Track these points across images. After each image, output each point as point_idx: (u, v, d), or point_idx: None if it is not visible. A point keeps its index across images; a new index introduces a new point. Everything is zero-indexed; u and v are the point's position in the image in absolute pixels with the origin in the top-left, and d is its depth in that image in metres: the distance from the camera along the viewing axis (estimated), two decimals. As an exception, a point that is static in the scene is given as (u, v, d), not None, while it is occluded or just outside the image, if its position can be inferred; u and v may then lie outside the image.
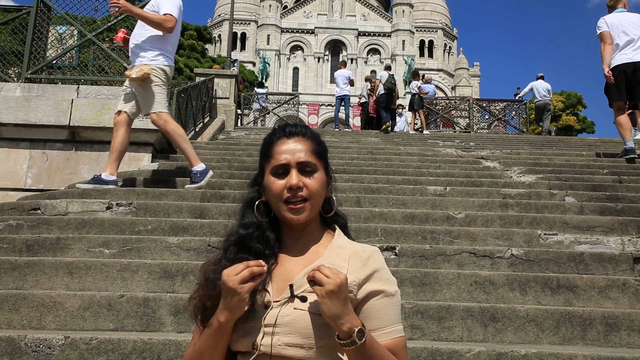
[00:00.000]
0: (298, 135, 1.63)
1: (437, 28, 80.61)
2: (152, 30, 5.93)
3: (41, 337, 2.93)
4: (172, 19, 5.87)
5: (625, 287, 3.87)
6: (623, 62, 7.35)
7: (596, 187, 6.73)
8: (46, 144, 7.32)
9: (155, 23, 5.85)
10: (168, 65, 6.04)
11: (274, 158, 1.60)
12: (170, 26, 5.88)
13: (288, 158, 1.58)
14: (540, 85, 18.90)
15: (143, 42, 5.99)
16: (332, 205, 1.67)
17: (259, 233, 1.62)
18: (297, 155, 1.58)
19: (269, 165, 1.61)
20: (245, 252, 1.59)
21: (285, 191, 1.56)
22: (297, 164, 1.58)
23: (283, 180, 1.57)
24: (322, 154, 1.64)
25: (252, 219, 1.64)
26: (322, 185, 1.61)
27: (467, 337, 3.40)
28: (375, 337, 1.51)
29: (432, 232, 4.90)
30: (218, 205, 5.53)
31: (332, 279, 1.39)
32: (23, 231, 4.82)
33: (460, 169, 8.15)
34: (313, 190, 1.58)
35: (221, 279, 1.45)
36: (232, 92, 15.97)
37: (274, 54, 74.75)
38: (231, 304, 1.44)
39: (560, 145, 12.49)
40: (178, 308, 3.43)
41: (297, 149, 1.60)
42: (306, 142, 1.62)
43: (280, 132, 1.65)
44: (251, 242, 1.60)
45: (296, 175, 1.57)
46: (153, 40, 5.98)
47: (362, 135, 13.87)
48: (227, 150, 9.56)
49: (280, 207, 1.58)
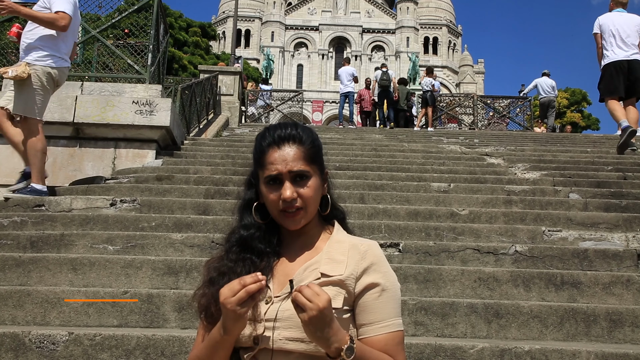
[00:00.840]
0: (289, 141, 1.58)
1: (441, 25, 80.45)
2: (44, 29, 5.47)
3: (45, 333, 2.94)
4: (65, 16, 5.39)
5: (629, 283, 3.86)
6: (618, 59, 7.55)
7: (600, 183, 6.71)
8: (50, 140, 7.30)
9: (47, 22, 5.39)
10: (57, 67, 5.53)
11: (266, 168, 1.57)
12: (64, 24, 5.40)
13: (280, 168, 1.55)
14: (545, 82, 18.84)
15: (34, 41, 5.49)
16: (328, 205, 1.67)
17: (260, 234, 1.62)
18: (289, 165, 1.55)
19: (262, 173, 1.60)
20: (247, 252, 1.60)
21: (280, 202, 1.56)
22: (290, 173, 1.56)
23: (277, 192, 1.56)
24: (315, 156, 1.61)
25: (252, 220, 1.64)
26: (317, 190, 1.60)
27: (471, 334, 3.40)
28: (371, 331, 1.51)
29: (436, 229, 4.90)
30: (222, 202, 5.53)
31: (314, 303, 1.35)
32: (27, 227, 4.84)
33: (465, 165, 8.14)
34: (307, 199, 1.57)
35: (219, 300, 1.44)
36: (236, 89, 15.99)
37: (278, 51, 74.72)
38: (231, 324, 1.44)
39: (564, 142, 12.45)
40: (182, 304, 3.43)
41: (289, 157, 1.56)
42: (298, 148, 1.58)
43: (269, 138, 1.60)
44: (253, 243, 1.61)
45: (289, 188, 1.55)
46: (44, 39, 5.49)
47: (366, 132, 13.86)
48: (231, 147, 9.57)
49: (277, 216, 1.59)
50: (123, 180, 6.41)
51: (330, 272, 1.53)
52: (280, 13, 77.89)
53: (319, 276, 1.53)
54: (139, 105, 7.39)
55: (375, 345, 1.51)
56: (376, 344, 1.51)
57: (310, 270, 1.55)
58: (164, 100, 7.63)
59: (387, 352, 1.51)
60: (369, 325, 1.52)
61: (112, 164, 7.40)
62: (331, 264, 1.55)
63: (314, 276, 1.53)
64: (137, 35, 8.72)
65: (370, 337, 1.52)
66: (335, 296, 1.50)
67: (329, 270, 1.54)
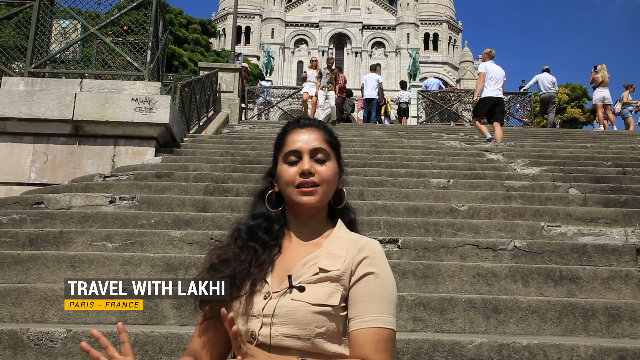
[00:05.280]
0: (312, 127, 1.66)
1: (441, 21, 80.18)
2: None
3: (44, 330, 2.94)
4: None
5: (628, 278, 3.86)
6: (488, 95, 10.63)
7: (600, 179, 6.70)
8: (50, 138, 7.33)
9: None
10: None
11: (286, 145, 1.63)
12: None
13: (301, 145, 1.61)
14: (546, 77, 18.79)
15: None
16: (342, 197, 1.68)
17: (267, 224, 1.64)
18: (310, 143, 1.61)
19: (281, 153, 1.64)
20: (253, 241, 1.62)
21: (297, 176, 1.58)
22: (310, 151, 1.60)
23: (296, 167, 1.59)
24: (335, 145, 1.67)
25: (262, 210, 1.66)
26: (334, 173, 1.63)
27: (470, 329, 3.40)
28: (354, 325, 1.48)
29: (435, 225, 4.90)
30: (221, 199, 5.53)
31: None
32: (26, 225, 4.84)
33: (464, 161, 8.14)
34: (324, 177, 1.59)
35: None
36: (236, 86, 15.96)
37: (278, 48, 74.51)
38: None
39: (564, 137, 12.44)
40: (180, 301, 3.43)
41: (311, 137, 1.62)
42: (319, 132, 1.65)
43: (294, 123, 1.68)
44: (259, 232, 1.63)
45: (308, 161, 1.59)
46: None
47: (365, 129, 13.85)
48: (231, 144, 9.56)
49: (292, 192, 1.59)
50: (122, 178, 6.41)
51: (329, 267, 1.53)
52: (280, 10, 77.68)
53: (317, 271, 1.53)
54: (138, 102, 7.38)
55: (353, 340, 1.47)
56: (357, 339, 1.47)
57: (309, 265, 1.55)
58: (164, 97, 7.62)
59: (361, 350, 1.46)
60: (353, 319, 1.49)
61: (111, 162, 7.40)
62: (330, 258, 1.55)
63: (313, 271, 1.53)
64: (136, 32, 8.70)
65: (353, 330, 1.48)
66: (332, 293, 1.50)
67: (327, 265, 1.53)
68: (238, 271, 1.55)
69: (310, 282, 1.50)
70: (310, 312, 1.47)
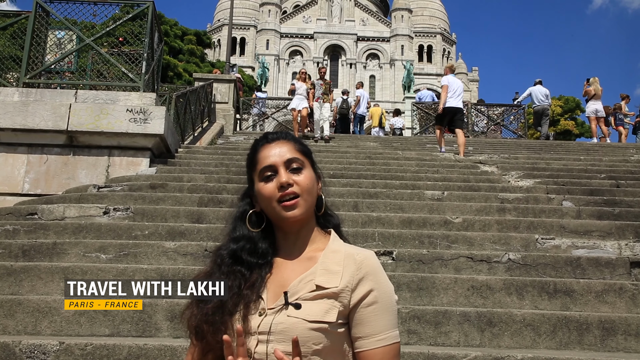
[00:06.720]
0: (280, 139, 1.64)
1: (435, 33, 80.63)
2: None
3: (36, 342, 2.92)
4: None
5: (622, 291, 3.87)
6: (450, 106, 11.38)
7: (594, 191, 6.72)
8: (44, 148, 7.31)
9: None
10: None
11: (259, 163, 1.61)
12: None
13: (274, 159, 1.59)
14: (539, 90, 18.90)
15: None
16: (322, 203, 1.67)
17: (250, 245, 1.61)
18: (283, 155, 1.60)
19: (255, 172, 1.62)
20: (238, 264, 1.59)
21: (276, 191, 1.56)
22: (284, 163, 1.59)
23: (273, 182, 1.58)
24: (308, 153, 1.65)
25: (244, 232, 1.64)
26: (312, 180, 1.61)
27: (464, 342, 3.39)
28: (367, 345, 1.49)
29: (430, 237, 4.90)
30: (215, 210, 5.52)
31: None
32: (19, 236, 4.81)
33: (458, 173, 8.15)
34: (303, 186, 1.58)
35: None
36: (231, 96, 15.97)
37: (273, 59, 74.68)
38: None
39: (558, 149, 12.49)
40: (174, 313, 3.42)
41: (282, 150, 1.61)
42: (289, 143, 1.63)
43: (262, 140, 1.66)
44: (243, 255, 1.60)
45: (285, 173, 1.57)
46: None
47: (360, 140, 13.86)
48: (226, 154, 9.56)
49: (274, 208, 1.58)
50: (116, 189, 6.39)
51: (326, 284, 1.51)
52: (275, 21, 77.93)
53: (314, 288, 1.51)
54: (133, 113, 7.38)
55: (371, 359, 1.49)
56: (372, 358, 1.49)
57: (305, 282, 1.53)
58: (158, 108, 7.62)
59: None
60: (365, 339, 1.49)
61: (105, 172, 7.38)
62: (327, 275, 1.53)
63: (309, 288, 1.51)
64: (131, 43, 8.71)
65: (366, 350, 1.49)
66: (329, 310, 1.48)
67: (324, 282, 1.51)
68: (228, 297, 1.54)
69: (307, 298, 1.49)
70: (307, 329, 1.46)
